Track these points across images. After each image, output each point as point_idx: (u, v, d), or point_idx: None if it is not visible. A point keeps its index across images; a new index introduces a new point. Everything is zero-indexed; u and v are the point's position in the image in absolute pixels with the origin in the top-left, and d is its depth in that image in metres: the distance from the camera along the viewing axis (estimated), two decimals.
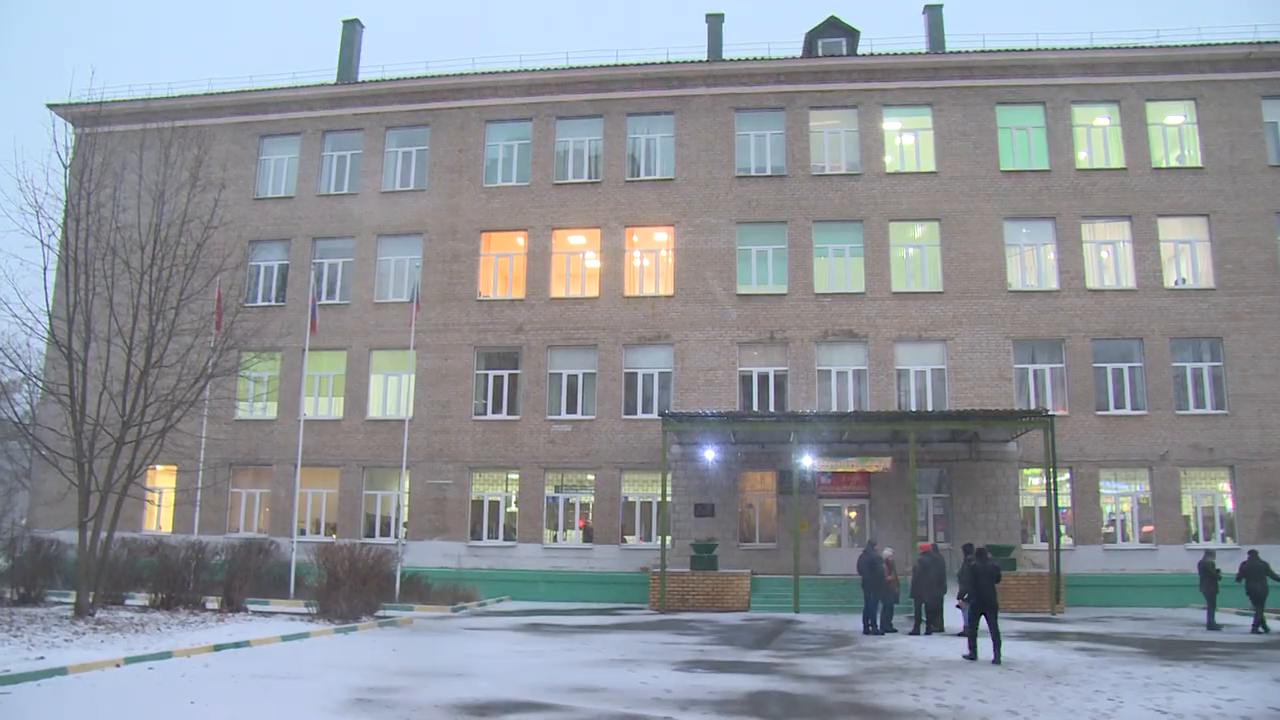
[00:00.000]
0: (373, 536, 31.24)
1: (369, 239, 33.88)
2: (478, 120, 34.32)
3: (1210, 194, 31.45)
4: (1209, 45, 32.22)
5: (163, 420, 21.32)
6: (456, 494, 31.78)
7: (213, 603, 22.50)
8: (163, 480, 32.47)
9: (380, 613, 22.74)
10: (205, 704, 11.44)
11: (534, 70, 34.18)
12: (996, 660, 16.02)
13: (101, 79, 56.19)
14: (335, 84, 36.19)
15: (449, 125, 34.41)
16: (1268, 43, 32.06)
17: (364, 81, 36.03)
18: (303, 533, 30.86)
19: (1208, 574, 23.06)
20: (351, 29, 38.15)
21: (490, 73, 34.48)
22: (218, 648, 16.21)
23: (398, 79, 35.03)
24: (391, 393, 32.92)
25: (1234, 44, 32.16)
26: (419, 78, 34.85)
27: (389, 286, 33.75)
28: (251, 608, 22.88)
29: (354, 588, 21.92)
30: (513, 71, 34.30)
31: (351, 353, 33.04)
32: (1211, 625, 22.61)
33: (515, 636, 19.95)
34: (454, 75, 34.62)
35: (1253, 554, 23.42)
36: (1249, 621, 22.69)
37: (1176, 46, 32.34)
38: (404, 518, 31.50)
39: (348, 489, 32.22)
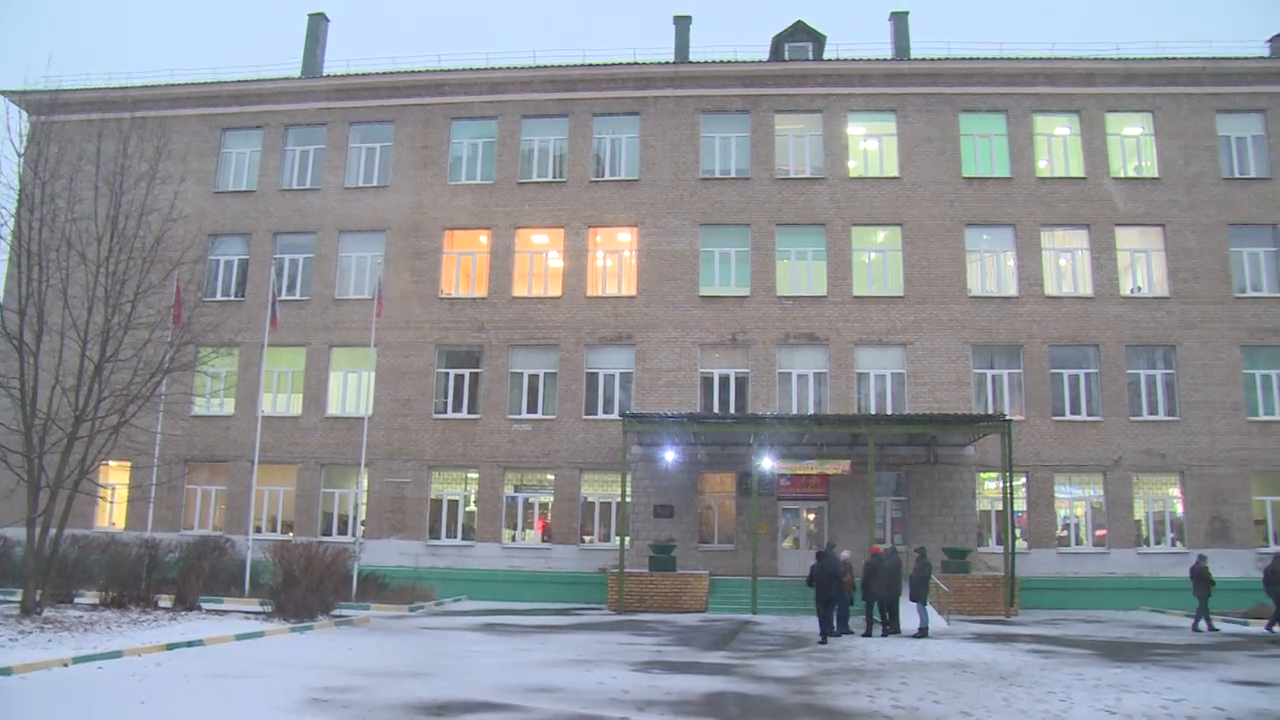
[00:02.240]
0: (330, 535, 31.02)
1: (331, 235, 33.63)
2: (443, 117, 34.16)
3: (1166, 205, 31.94)
4: (1165, 59, 32.72)
5: (117, 415, 21.05)
6: (415, 493, 31.64)
7: (166, 601, 22.23)
8: (116, 476, 32.02)
9: (337, 612, 22.63)
10: (156, 704, 11.31)
11: (500, 68, 34.08)
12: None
13: (59, 66, 55.46)
14: (299, 78, 35.88)
15: (414, 122, 34.23)
16: (1221, 58, 32.64)
17: (329, 76, 35.77)
18: (259, 530, 30.54)
19: (1201, 578, 23.44)
20: (317, 23, 37.82)
21: (456, 70, 34.33)
22: (170, 647, 16.04)
23: (363, 74, 34.82)
24: (351, 390, 32.71)
25: (1190, 58, 32.69)
26: (384, 73, 34.65)
27: (350, 283, 33.51)
28: (205, 606, 22.62)
29: (310, 586, 21.78)
30: (479, 69, 34.18)
31: (311, 349, 32.79)
32: (1198, 627, 23.13)
33: (473, 636, 19.91)
34: (420, 72, 34.44)
35: (1201, 558, 23.90)
36: (1223, 624, 23.46)
37: (1134, 59, 32.83)
38: (362, 516, 31.30)
39: (305, 486, 31.98)
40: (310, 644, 17.82)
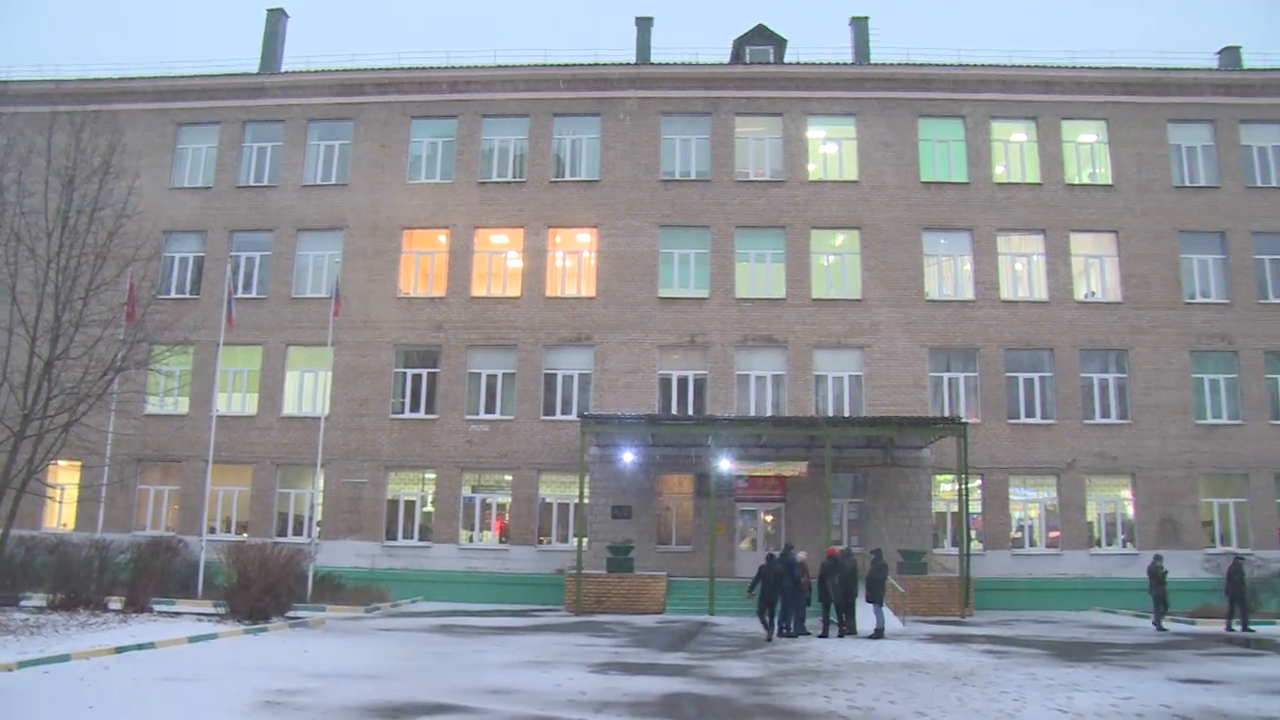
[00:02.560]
0: (285, 536, 30.66)
1: (289, 233, 33.32)
2: (402, 116, 33.95)
3: (1119, 211, 32.42)
4: (1119, 69, 33.29)
5: (67, 414, 20.75)
6: (372, 493, 31.41)
7: (116, 603, 21.91)
8: (65, 476, 31.46)
9: (292, 613, 22.43)
10: (105, 709, 11.15)
11: (461, 67, 33.95)
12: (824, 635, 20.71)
13: (6, 57, 54.33)
14: (257, 74, 35.51)
15: (373, 120, 33.99)
16: (1172, 69, 33.31)
17: (287, 72, 35.46)
18: (213, 531, 30.18)
19: (1156, 578, 23.86)
20: (276, 18, 37.41)
21: (416, 68, 34.16)
22: (120, 650, 15.80)
23: (322, 71, 34.52)
24: (308, 389, 32.40)
25: (1143, 68, 33.31)
26: (343, 70, 34.38)
27: (308, 281, 33.21)
28: (157, 608, 22.32)
29: (265, 588, 21.52)
30: (439, 68, 34.03)
31: (268, 348, 32.46)
32: (1161, 626, 23.62)
33: (429, 638, 19.83)
34: (379, 69, 34.21)
35: (1158, 558, 24.36)
36: (1171, 624, 24.05)
37: (1090, 68, 33.30)
38: (318, 517, 30.98)
39: (260, 487, 31.65)
40: (264, 646, 17.65)
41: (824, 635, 21.09)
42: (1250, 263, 32.20)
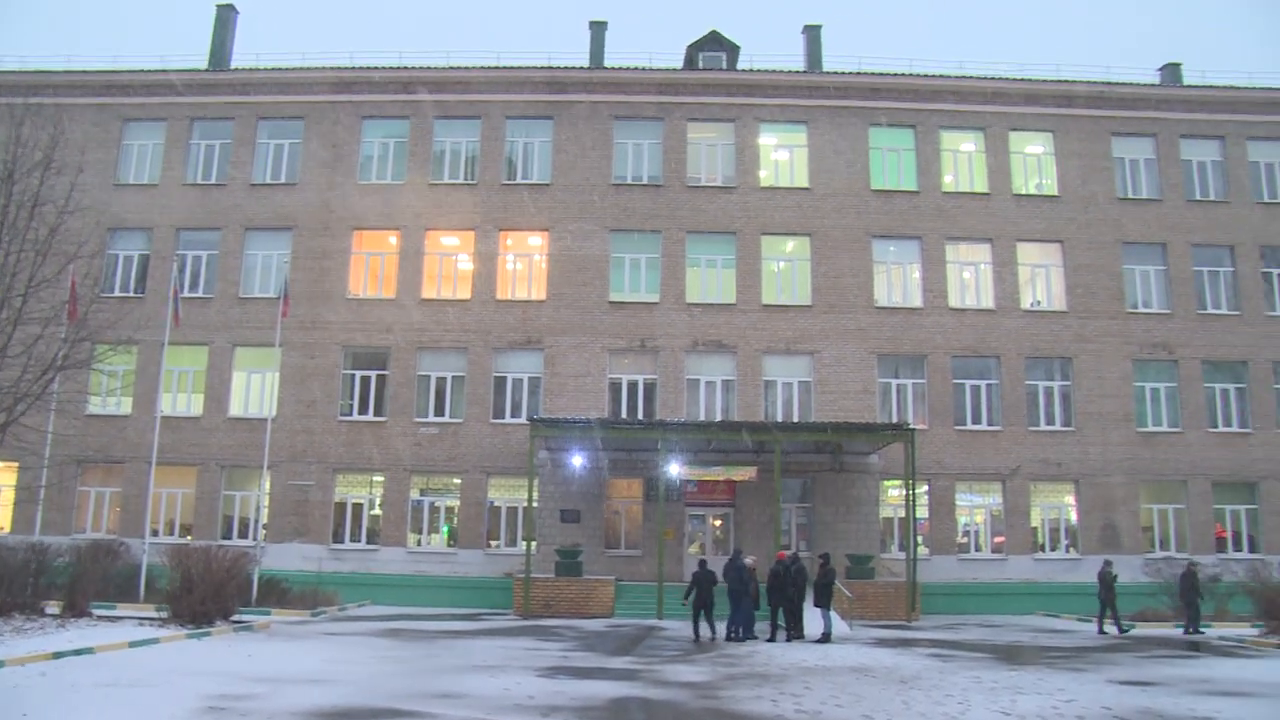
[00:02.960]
0: (230, 538, 30.21)
1: (236, 231, 32.90)
2: (353, 116, 33.68)
3: (1064, 222, 32.97)
4: (1065, 82, 33.89)
5: (4, 414, 20.33)
6: (319, 496, 31.09)
7: (54, 608, 21.45)
8: (2, 478, 30.82)
9: (236, 617, 22.11)
10: (41, 717, 10.88)
11: (413, 68, 33.75)
12: (772, 639, 21.04)
13: None
14: (206, 70, 35.03)
15: (324, 119, 33.67)
16: (1116, 84, 34.04)
17: (237, 69, 35.03)
18: (155, 534, 29.76)
19: (1105, 583, 24.30)
20: (225, 14, 36.89)
21: (368, 68, 33.89)
22: (57, 655, 15.44)
23: (272, 69, 34.14)
24: (254, 390, 32.01)
25: (1088, 82, 33.97)
26: (294, 69, 34.03)
27: (255, 281, 32.80)
28: (97, 612, 21.89)
29: (209, 591, 21.18)
30: (391, 68, 33.79)
31: (214, 348, 32.01)
32: (1124, 628, 24.12)
33: (376, 642, 19.64)
34: (331, 69, 33.91)
35: (1107, 563, 24.86)
36: (1095, 627, 24.59)
37: (1037, 81, 33.88)
38: (264, 519, 30.62)
39: (205, 489, 31.19)
40: (208, 650, 17.39)
41: (772, 639, 21.18)
42: (1189, 274, 32.90)
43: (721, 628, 21.66)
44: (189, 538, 30.01)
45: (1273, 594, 22.82)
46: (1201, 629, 23.92)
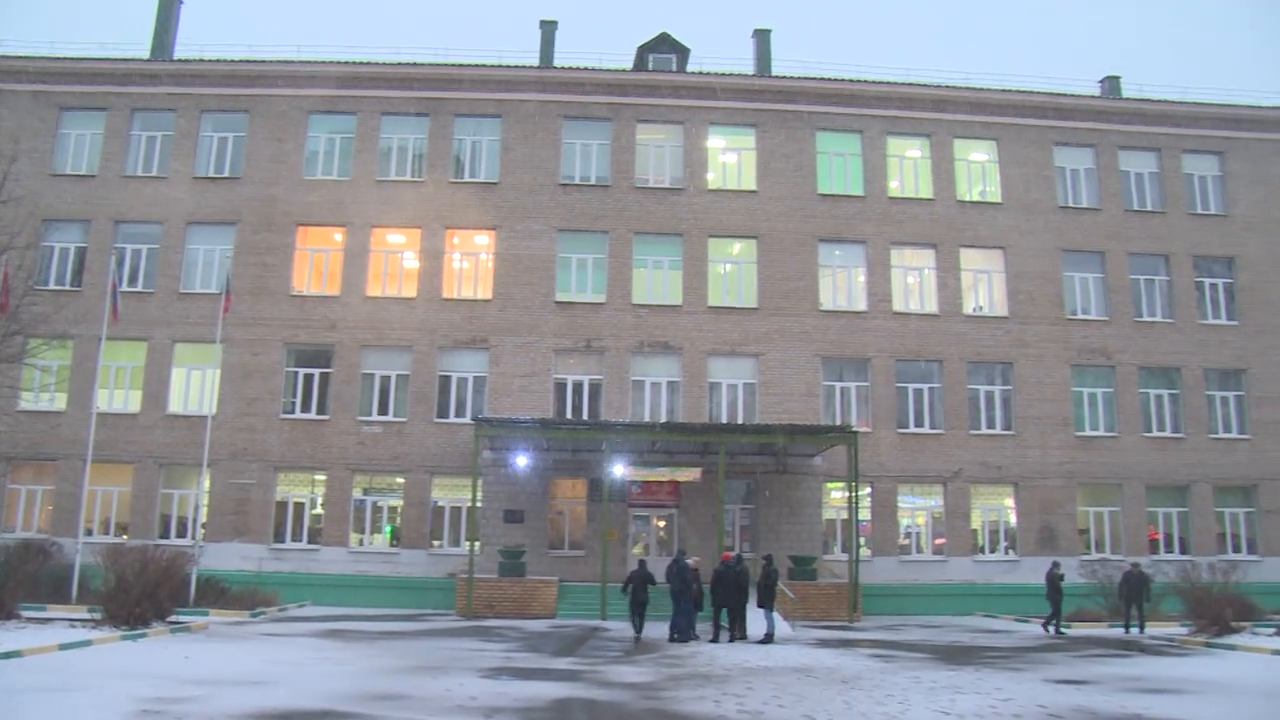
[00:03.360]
0: (168, 538, 29.66)
1: (178, 225, 32.33)
2: (299, 110, 33.27)
3: (1007, 229, 33.49)
4: (1010, 91, 34.46)
5: None
6: (260, 494, 30.66)
7: None
8: None
9: (173, 618, 21.67)
10: None
11: (360, 63, 33.42)
12: (715, 640, 20.95)
13: None
14: (148, 60, 34.34)
15: (269, 113, 33.22)
16: (1059, 94, 34.76)
17: (179, 60, 34.35)
18: (90, 533, 29.14)
19: (1053, 584, 24.67)
20: (169, 3, 36.13)
21: (315, 62, 33.47)
22: None
23: (216, 60, 33.57)
24: (195, 387, 31.49)
25: (1032, 92, 34.62)
26: (239, 61, 33.51)
27: (197, 276, 32.25)
28: (26, 614, 21.21)
29: (144, 592, 20.73)
30: (338, 63, 33.43)
31: (153, 344, 31.45)
32: (1061, 630, 24.51)
33: (317, 643, 19.38)
34: (276, 62, 33.43)
35: (1055, 565, 25.31)
36: (1042, 629, 25.10)
37: (982, 89, 34.41)
38: (203, 519, 30.15)
39: (142, 487, 30.63)
40: (143, 652, 17.04)
41: (715, 640, 21.22)
42: (1127, 282, 33.60)
43: (651, 628, 21.79)
44: (124, 537, 29.39)
45: (1201, 594, 23.37)
46: (1140, 629, 24.38)
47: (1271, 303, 34.05)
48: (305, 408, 31.52)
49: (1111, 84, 37.45)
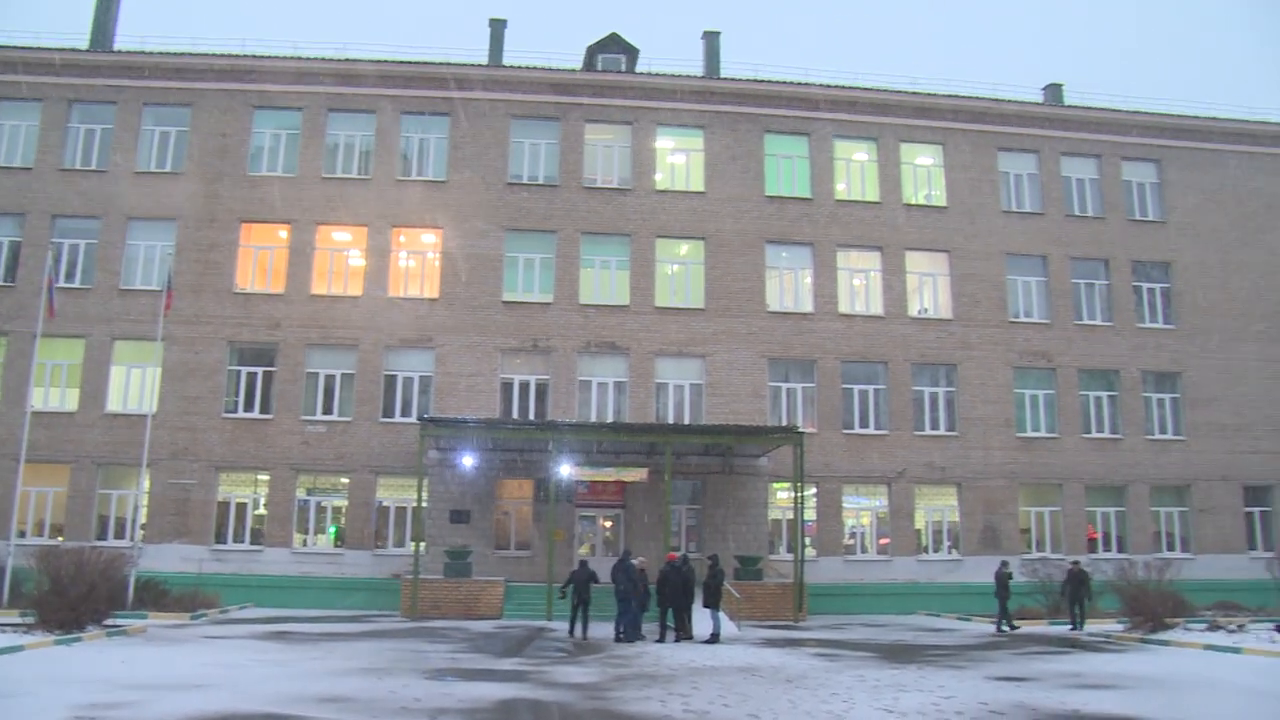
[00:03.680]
0: (105, 539, 29.12)
1: (118, 220, 31.74)
2: (244, 105, 32.80)
3: (952, 232, 33.90)
4: (955, 96, 34.93)
5: None
6: (201, 495, 30.19)
7: None
8: None
9: (110, 622, 21.27)
10: None
11: (307, 59, 33.02)
12: (661, 640, 20.99)
13: None
14: (87, 50, 33.62)
15: (213, 108, 32.71)
16: (1003, 100, 35.30)
17: (120, 51, 33.71)
18: (23, 535, 28.54)
19: (1001, 583, 24.97)
20: None
21: (260, 56, 32.99)
22: None
23: (159, 52, 32.94)
24: (134, 385, 30.94)
25: (976, 98, 35.10)
26: (183, 54, 32.91)
27: (137, 273, 31.67)
28: None
29: (80, 594, 20.30)
30: (285, 58, 33.00)
31: (91, 341, 30.85)
32: (1001, 628, 24.78)
33: (259, 645, 19.11)
34: (221, 55, 32.91)
35: (1004, 564, 25.66)
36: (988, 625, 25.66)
37: (928, 94, 34.80)
38: (142, 519, 29.62)
39: (79, 487, 30.02)
40: (78, 657, 16.68)
41: (661, 640, 21.26)
42: (1068, 286, 34.17)
43: (594, 629, 21.82)
44: (60, 539, 28.79)
45: (1137, 592, 23.86)
46: (1079, 626, 24.82)
47: (1205, 307, 34.87)
48: (248, 407, 31.11)
49: (1054, 91, 38.10)
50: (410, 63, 33.19)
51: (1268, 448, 34.12)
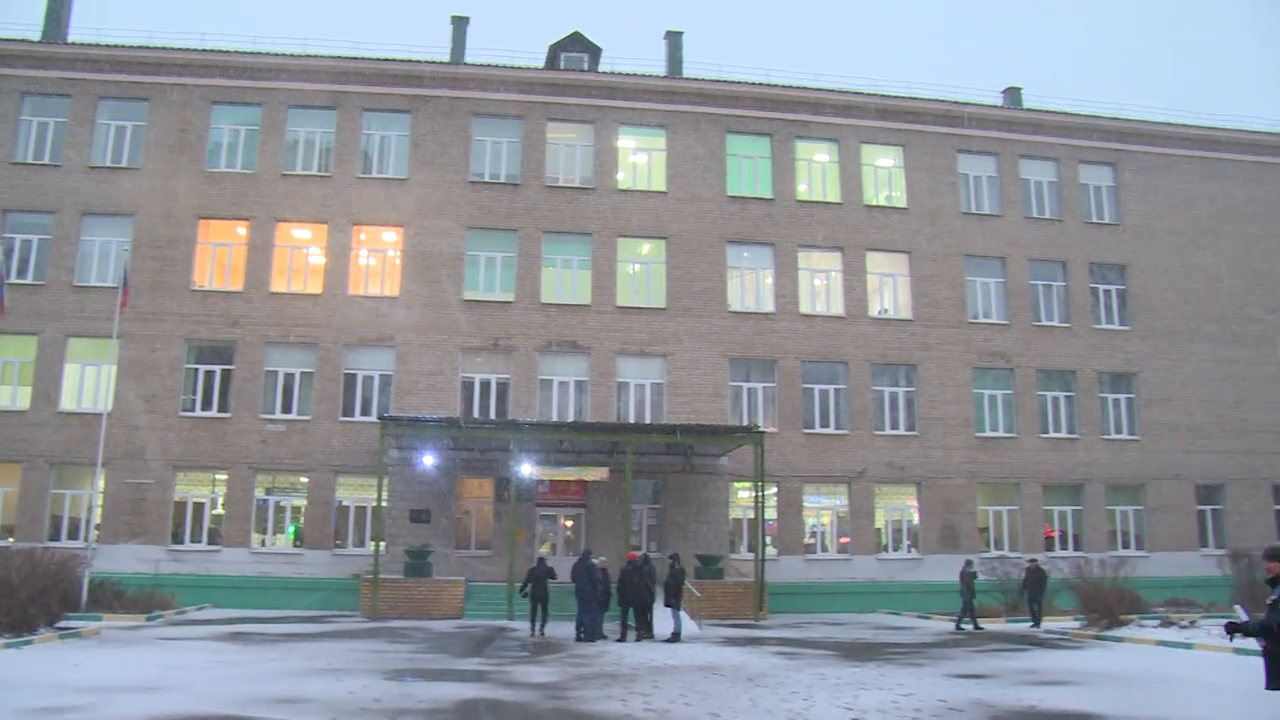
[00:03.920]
0: (59, 540, 28.67)
1: (72, 216, 31.25)
2: (202, 100, 32.41)
3: (912, 234, 34.17)
4: (916, 99, 35.22)
5: None
6: (158, 494, 29.81)
7: None
8: None
9: (63, 623, 20.97)
10: None
11: (266, 54, 32.69)
12: (622, 639, 21.05)
13: None
14: (40, 42, 33.03)
15: (170, 102, 32.28)
16: (962, 103, 35.65)
17: (75, 44, 33.17)
18: None
19: (965, 581, 25.23)
20: None
21: (218, 51, 32.62)
22: None
23: (115, 45, 32.46)
24: (89, 383, 30.49)
25: (937, 100, 35.42)
26: (139, 47, 32.46)
27: (92, 269, 31.19)
28: None
29: (31, 596, 20.01)
30: (243, 53, 32.65)
31: (44, 338, 30.36)
32: (961, 626, 24.98)
33: (216, 646, 18.92)
34: (179, 50, 32.51)
35: (968, 563, 25.93)
36: (938, 625, 25.91)
37: (889, 96, 35.06)
38: (96, 519, 29.15)
39: (31, 487, 29.53)
40: (30, 660, 16.43)
41: (622, 639, 21.29)
42: (1026, 287, 34.56)
43: (555, 628, 21.89)
44: (11, 539, 28.31)
45: (1093, 589, 24.23)
46: (1036, 623, 25.13)
47: (1159, 309, 35.40)
48: (206, 405, 30.76)
49: (1013, 95, 38.52)
50: (372, 59, 32.97)
51: (1219, 447, 34.73)
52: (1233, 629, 7.76)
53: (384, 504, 28.15)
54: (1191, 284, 35.93)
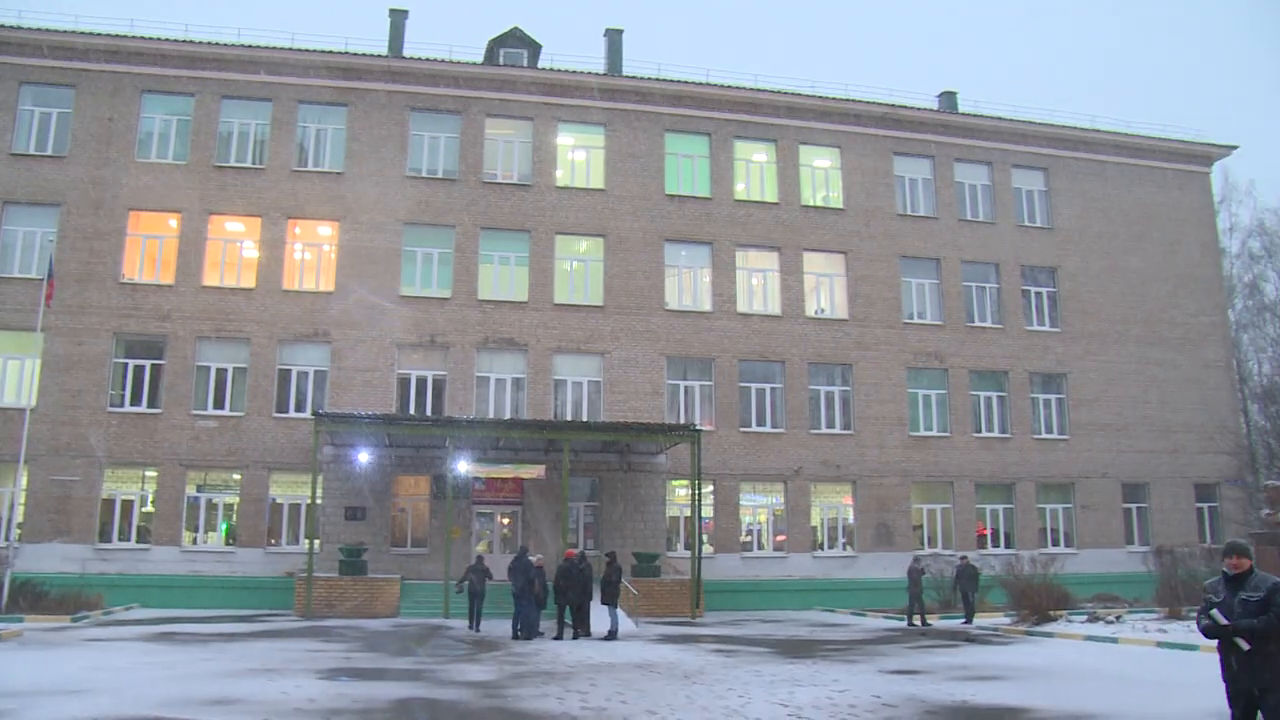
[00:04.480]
0: None
1: None
2: (132, 89, 31.69)
3: (848, 234, 34.53)
4: (853, 101, 35.56)
5: None
6: (84, 492, 29.12)
7: None
8: None
9: None
10: None
11: (199, 42, 32.05)
12: (559, 637, 21.08)
13: None
14: None
15: (99, 90, 31.52)
16: (899, 106, 36.04)
17: None
18: None
19: (913, 578, 25.51)
20: None
21: (150, 38, 31.86)
22: None
23: (38, 29, 31.47)
24: (12, 378, 29.69)
25: (874, 103, 35.79)
26: (66, 32, 31.56)
27: (15, 260, 30.33)
28: None
29: None
30: (175, 40, 31.95)
31: None
32: (912, 623, 25.26)
33: (145, 647, 18.51)
34: (107, 35, 31.67)
35: (916, 560, 26.26)
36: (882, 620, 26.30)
37: (827, 98, 35.38)
38: (18, 518, 28.41)
39: None
40: None
41: (559, 637, 21.26)
42: (960, 288, 35.11)
43: (494, 626, 21.85)
44: None
45: (1023, 586, 24.69)
46: (969, 620, 25.53)
47: (1089, 312, 36.19)
48: (135, 401, 30.13)
49: (948, 99, 39.09)
50: (308, 51, 32.49)
51: (1144, 446, 35.62)
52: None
53: (318, 501, 27.81)
54: (1119, 287, 36.80)
